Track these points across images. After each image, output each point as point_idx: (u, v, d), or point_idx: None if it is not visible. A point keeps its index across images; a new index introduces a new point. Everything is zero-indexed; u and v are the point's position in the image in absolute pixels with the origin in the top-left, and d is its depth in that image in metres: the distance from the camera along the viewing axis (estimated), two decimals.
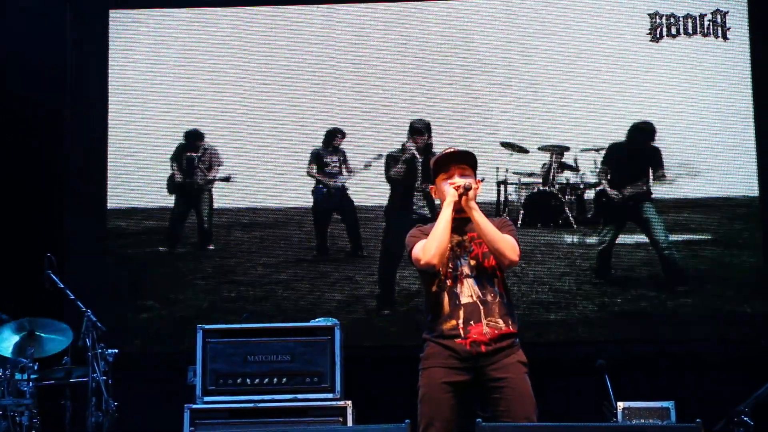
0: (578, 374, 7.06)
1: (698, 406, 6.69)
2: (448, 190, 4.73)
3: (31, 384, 6.38)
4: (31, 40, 7.73)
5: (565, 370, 7.23)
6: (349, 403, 5.88)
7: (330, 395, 5.90)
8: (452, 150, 4.91)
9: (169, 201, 7.79)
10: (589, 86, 7.79)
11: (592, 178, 7.77)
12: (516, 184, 7.78)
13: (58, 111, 7.82)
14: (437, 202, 4.94)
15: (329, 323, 6.07)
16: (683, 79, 7.79)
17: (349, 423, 5.80)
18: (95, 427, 6.18)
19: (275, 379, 5.92)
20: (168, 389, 6.71)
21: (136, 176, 7.79)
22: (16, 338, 6.46)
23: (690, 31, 7.83)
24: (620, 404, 6.43)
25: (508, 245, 4.69)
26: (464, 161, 4.84)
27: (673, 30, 7.83)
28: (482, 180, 4.94)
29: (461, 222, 4.77)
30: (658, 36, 7.83)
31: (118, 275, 7.66)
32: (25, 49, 7.72)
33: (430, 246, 4.65)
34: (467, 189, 4.68)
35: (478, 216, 4.68)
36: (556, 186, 7.77)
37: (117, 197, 7.75)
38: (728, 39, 7.78)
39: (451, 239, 4.73)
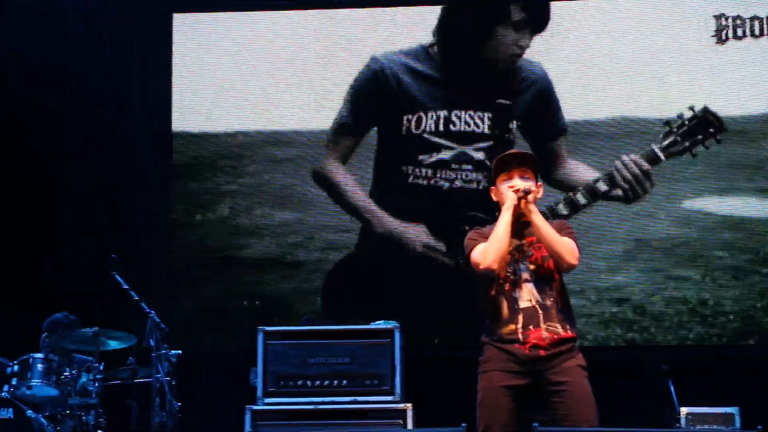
0: (636, 378, 7.02)
1: (763, 412, 6.69)
2: (508, 194, 4.71)
3: (97, 384, 6.50)
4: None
5: (623, 374, 7.19)
6: (409, 406, 5.88)
7: (390, 398, 5.91)
8: (514, 152, 4.91)
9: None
10: (654, 89, 7.72)
11: None
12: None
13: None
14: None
15: (389, 325, 6.09)
16: (749, 80, 7.69)
17: (409, 426, 5.80)
18: (159, 427, 6.26)
19: (335, 382, 5.95)
20: (231, 390, 6.77)
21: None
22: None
23: (757, 32, 7.73)
24: (683, 410, 6.37)
25: (567, 249, 4.67)
26: (525, 163, 4.83)
27: (739, 32, 7.74)
28: (542, 183, 4.93)
29: (520, 225, 4.75)
30: (724, 38, 7.74)
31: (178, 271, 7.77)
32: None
33: (490, 250, 4.64)
34: (527, 193, 4.67)
35: (538, 219, 4.67)
36: None
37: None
38: None
39: (510, 243, 4.71)
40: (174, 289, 7.65)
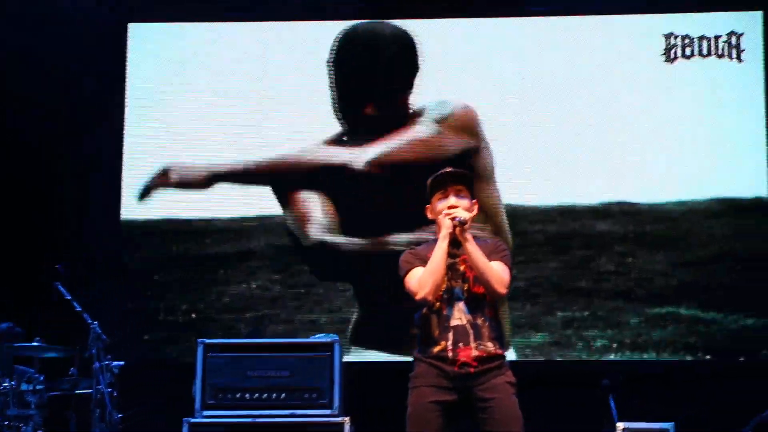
0: (583, 392, 7.07)
1: (700, 427, 6.77)
2: (444, 222, 4.73)
3: (36, 395, 6.49)
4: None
5: (569, 388, 7.25)
6: (347, 419, 5.91)
7: (328, 411, 5.93)
8: (449, 170, 4.94)
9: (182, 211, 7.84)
10: (602, 107, 7.78)
11: None
12: None
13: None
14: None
15: (329, 339, 6.12)
16: (697, 99, 7.77)
17: None
18: None
19: (274, 395, 5.95)
20: (173, 402, 6.76)
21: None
22: None
23: (705, 52, 7.82)
24: (620, 425, 6.43)
25: (496, 277, 4.68)
26: (461, 182, 4.87)
27: (688, 51, 7.82)
28: (477, 201, 4.96)
29: (453, 244, 4.78)
30: (672, 57, 7.82)
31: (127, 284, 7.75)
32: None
33: (426, 281, 4.67)
34: (463, 224, 4.69)
35: (471, 248, 4.68)
36: None
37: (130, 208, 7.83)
38: (743, 60, 7.76)
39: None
40: (117, 301, 7.63)
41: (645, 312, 7.45)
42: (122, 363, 6.49)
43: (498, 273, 4.71)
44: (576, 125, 7.77)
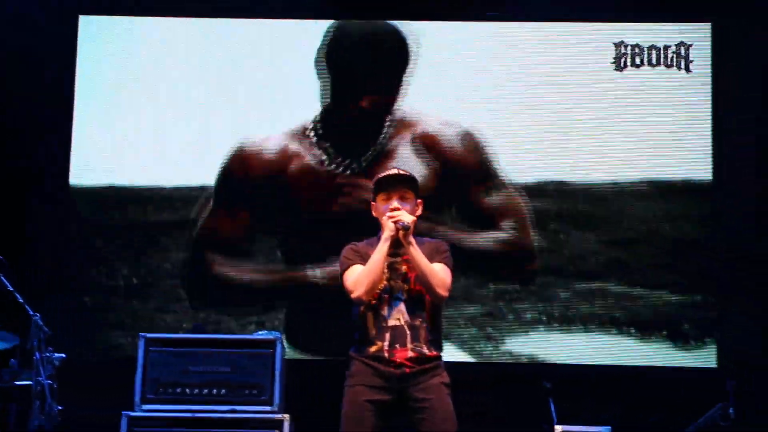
0: (524, 395, 7.14)
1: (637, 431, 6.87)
2: (387, 224, 4.77)
3: None
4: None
5: (510, 390, 7.31)
6: (287, 416, 5.94)
7: (268, 408, 5.96)
8: (394, 172, 4.98)
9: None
10: (553, 113, 7.85)
11: None
12: None
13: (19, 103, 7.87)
14: None
15: (271, 336, 6.14)
16: (645, 108, 7.86)
17: None
18: (37, 430, 6.24)
19: (214, 390, 5.98)
20: (115, 395, 6.75)
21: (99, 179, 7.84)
22: None
23: (654, 61, 7.91)
24: (558, 428, 6.51)
25: (438, 280, 4.75)
26: (405, 184, 4.91)
27: (638, 60, 7.92)
28: (423, 201, 5.00)
29: (394, 244, 4.83)
30: (622, 65, 7.91)
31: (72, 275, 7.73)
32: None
33: (362, 281, 4.72)
34: (405, 228, 4.74)
35: (414, 252, 4.73)
36: None
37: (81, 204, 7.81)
38: (691, 71, 7.86)
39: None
40: (59, 293, 7.60)
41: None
42: (64, 356, 6.47)
43: (440, 276, 4.77)
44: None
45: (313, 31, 7.93)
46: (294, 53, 7.90)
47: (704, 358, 7.47)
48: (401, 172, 4.98)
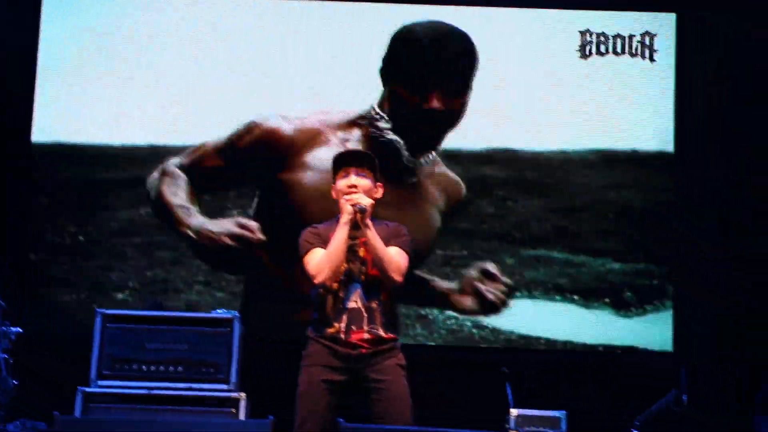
0: (483, 379, 7.18)
1: (592, 416, 6.93)
2: (345, 207, 4.79)
3: None
4: None
5: (469, 374, 7.35)
6: (243, 395, 5.94)
7: (224, 386, 5.96)
8: (351, 150, 5.00)
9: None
10: (519, 99, 7.88)
11: None
12: None
13: None
14: None
15: (229, 315, 6.14)
16: (609, 95, 7.91)
17: (242, 415, 5.86)
18: None
19: (171, 367, 5.96)
20: (71, 371, 6.73)
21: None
22: None
23: (618, 50, 7.96)
24: (513, 411, 6.55)
25: (394, 266, 4.78)
26: (362, 163, 4.92)
27: (602, 48, 7.96)
28: (381, 183, 5.02)
29: (353, 226, 4.85)
30: (587, 53, 7.95)
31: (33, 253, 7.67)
32: None
33: (323, 267, 4.74)
34: (362, 212, 4.75)
35: (371, 235, 4.76)
36: None
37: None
38: (655, 61, 7.91)
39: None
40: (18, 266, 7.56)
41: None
42: (20, 330, 6.43)
43: (395, 261, 4.79)
44: (492, 118, 7.85)
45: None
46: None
47: (652, 326, 7.54)
48: (358, 150, 5.01)
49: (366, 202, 4.76)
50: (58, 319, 7.41)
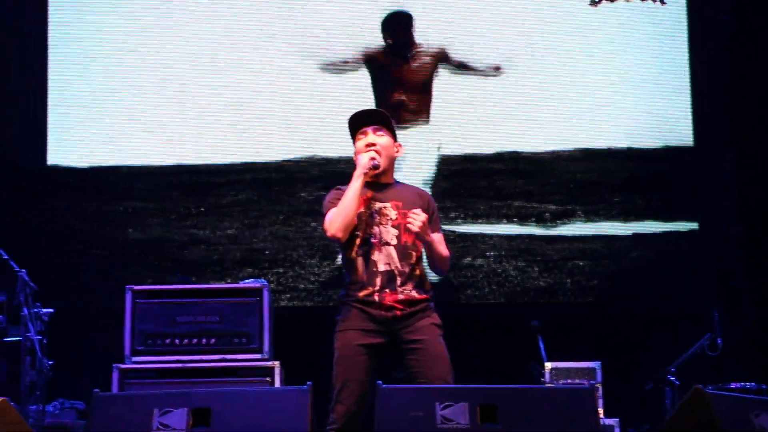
0: (516, 334, 7.18)
1: (627, 366, 6.93)
2: (360, 160, 4.76)
3: None
4: None
5: (502, 330, 7.35)
6: (277, 363, 5.94)
7: (258, 356, 5.96)
8: (364, 109, 4.96)
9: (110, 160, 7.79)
10: (529, 51, 7.83)
11: None
12: None
13: None
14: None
15: (258, 284, 6.13)
16: (621, 42, 7.85)
17: (277, 383, 5.86)
18: (30, 386, 6.26)
19: (204, 340, 5.95)
20: (105, 348, 6.75)
21: (77, 134, 7.76)
22: None
23: None
24: (548, 365, 6.56)
25: (446, 263, 4.90)
26: (375, 120, 4.88)
27: None
28: (400, 144, 4.98)
29: (382, 187, 4.82)
30: (597, 0, 7.87)
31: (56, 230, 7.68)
32: None
33: (336, 219, 4.70)
34: (376, 168, 4.73)
35: (434, 244, 4.79)
36: None
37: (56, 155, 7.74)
38: (665, 3, 7.84)
39: (372, 205, 4.77)
40: (46, 247, 7.58)
41: None
42: (52, 310, 6.47)
43: (447, 257, 4.86)
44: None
45: None
46: None
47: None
48: (372, 108, 4.98)
49: (380, 159, 4.75)
50: (89, 297, 7.45)
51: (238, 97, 7.78)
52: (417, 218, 4.66)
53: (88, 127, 7.76)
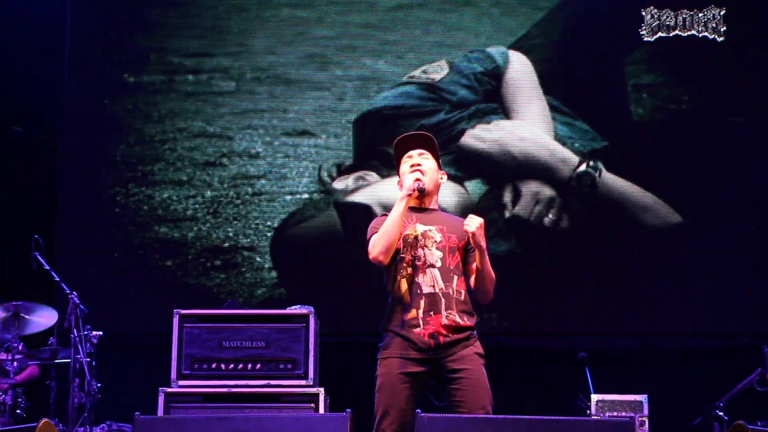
0: (561, 365, 7.13)
1: (675, 400, 6.84)
2: (405, 181, 4.76)
3: (16, 364, 6.55)
4: (26, 22, 7.83)
5: (547, 361, 7.30)
6: (322, 390, 5.95)
7: (303, 382, 5.97)
8: (410, 133, 4.98)
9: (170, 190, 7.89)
10: None
11: None
12: None
13: (51, 88, 7.91)
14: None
15: (304, 310, 6.15)
16: None
17: (321, 410, 5.88)
18: (78, 408, 6.34)
19: (249, 365, 5.98)
20: (151, 371, 6.82)
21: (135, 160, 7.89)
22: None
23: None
24: (594, 397, 6.50)
25: (491, 286, 4.78)
26: (420, 144, 4.88)
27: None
28: (445, 172, 4.97)
29: (426, 211, 4.82)
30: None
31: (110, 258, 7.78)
32: (19, 30, 7.82)
33: (378, 242, 4.69)
34: (421, 191, 4.73)
35: (484, 257, 4.73)
36: None
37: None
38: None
39: (416, 229, 4.77)
40: (95, 271, 7.67)
41: None
42: (101, 333, 6.55)
43: (493, 278, 4.78)
44: None
45: None
46: None
47: None
48: (417, 131, 4.99)
49: (427, 180, 4.75)
50: (136, 321, 7.53)
51: None
52: (475, 220, 4.65)
53: None
